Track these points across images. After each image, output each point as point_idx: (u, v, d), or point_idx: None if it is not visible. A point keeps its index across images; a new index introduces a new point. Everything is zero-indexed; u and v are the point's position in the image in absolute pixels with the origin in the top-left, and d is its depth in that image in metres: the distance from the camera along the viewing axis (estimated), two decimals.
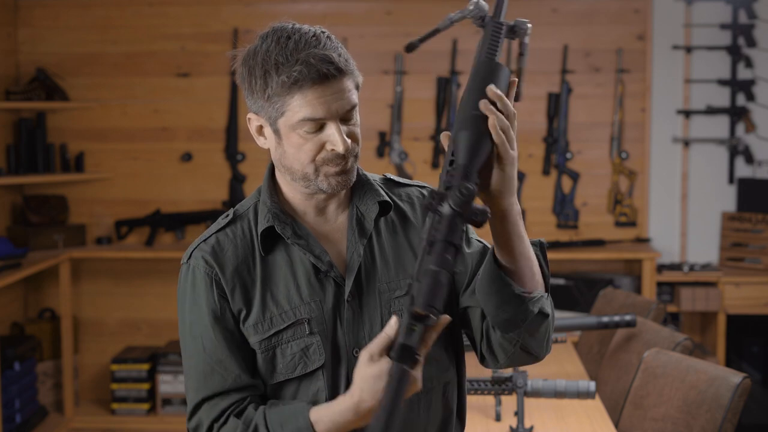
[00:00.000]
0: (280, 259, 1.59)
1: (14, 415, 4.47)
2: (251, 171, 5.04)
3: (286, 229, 1.58)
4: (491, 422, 2.63)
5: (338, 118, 1.51)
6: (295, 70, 1.48)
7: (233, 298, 1.57)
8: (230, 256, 1.58)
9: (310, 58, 1.48)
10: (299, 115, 1.50)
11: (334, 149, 1.52)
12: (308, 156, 1.53)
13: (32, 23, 5.09)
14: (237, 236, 1.60)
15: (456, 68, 4.96)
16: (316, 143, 1.52)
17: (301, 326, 1.56)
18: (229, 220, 1.62)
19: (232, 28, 4.99)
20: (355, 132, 1.55)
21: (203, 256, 1.59)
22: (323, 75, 1.48)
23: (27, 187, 5.07)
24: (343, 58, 1.52)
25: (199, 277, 1.58)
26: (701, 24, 4.88)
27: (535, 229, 4.99)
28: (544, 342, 1.56)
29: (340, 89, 1.50)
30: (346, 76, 1.51)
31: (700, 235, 4.99)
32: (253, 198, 1.65)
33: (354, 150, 1.55)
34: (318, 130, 1.52)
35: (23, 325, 4.98)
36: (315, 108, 1.49)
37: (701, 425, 2.41)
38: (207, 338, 1.57)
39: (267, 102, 1.52)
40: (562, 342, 2.79)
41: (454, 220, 1.28)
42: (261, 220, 1.60)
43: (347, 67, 1.52)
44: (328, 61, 1.48)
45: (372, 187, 1.64)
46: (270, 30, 1.55)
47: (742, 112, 4.90)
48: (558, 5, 4.96)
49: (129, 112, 5.12)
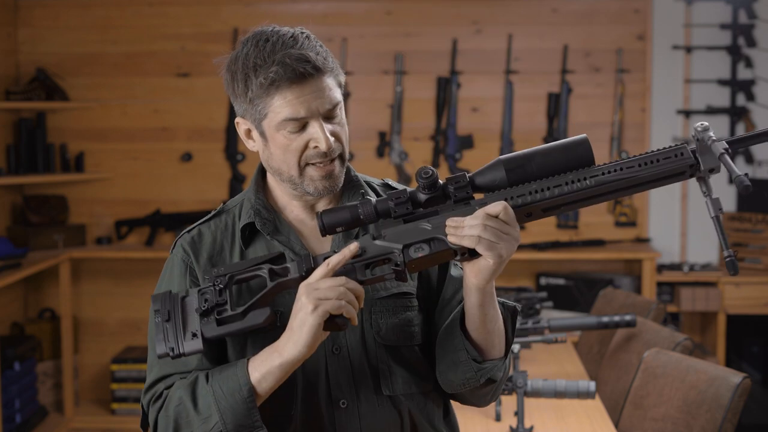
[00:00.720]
0: (261, 252, 1.60)
1: (14, 415, 4.47)
2: (251, 171, 5.03)
3: (266, 225, 1.60)
4: (491, 422, 2.63)
5: (320, 116, 1.52)
6: (271, 71, 1.49)
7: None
8: (207, 246, 1.62)
9: (285, 58, 1.49)
10: (281, 115, 1.51)
11: (317, 147, 1.52)
12: (294, 157, 1.54)
13: (32, 23, 5.09)
14: (219, 228, 1.64)
15: (456, 68, 4.96)
16: (300, 143, 1.53)
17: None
18: (214, 214, 1.66)
19: (232, 28, 4.99)
20: (338, 132, 1.55)
21: (182, 244, 1.63)
22: (300, 74, 1.49)
23: (27, 187, 5.07)
24: (321, 56, 1.52)
25: (176, 263, 1.62)
26: (701, 24, 4.88)
27: (535, 230, 5.00)
28: (488, 397, 1.60)
29: (320, 87, 1.51)
30: (325, 74, 1.52)
31: (700, 235, 4.99)
32: (244, 194, 1.68)
33: (337, 149, 1.55)
34: (301, 129, 1.52)
35: (23, 325, 4.98)
36: (295, 107, 1.50)
37: (701, 425, 2.41)
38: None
39: (250, 105, 1.54)
40: (562, 342, 2.79)
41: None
42: (243, 215, 1.62)
43: (325, 65, 1.52)
44: (305, 60, 1.49)
45: (361, 189, 1.65)
46: (251, 34, 1.56)
47: (742, 112, 4.90)
48: (558, 5, 4.96)
49: (129, 112, 5.12)
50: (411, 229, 1.45)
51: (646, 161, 1.39)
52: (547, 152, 1.43)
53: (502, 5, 4.98)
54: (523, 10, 4.98)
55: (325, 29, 4.86)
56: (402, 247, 1.44)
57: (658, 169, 1.38)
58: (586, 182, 1.40)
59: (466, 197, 1.45)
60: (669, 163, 1.39)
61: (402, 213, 1.46)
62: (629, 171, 1.39)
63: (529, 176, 1.42)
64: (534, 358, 3.27)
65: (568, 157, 1.42)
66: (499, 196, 1.43)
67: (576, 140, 1.43)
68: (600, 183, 1.39)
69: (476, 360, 1.51)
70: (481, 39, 4.99)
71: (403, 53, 4.97)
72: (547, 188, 1.41)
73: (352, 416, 1.56)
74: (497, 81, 4.98)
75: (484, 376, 1.51)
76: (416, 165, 4.99)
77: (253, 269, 1.48)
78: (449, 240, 1.41)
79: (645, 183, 1.40)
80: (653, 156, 1.39)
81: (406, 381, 1.58)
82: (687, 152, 1.39)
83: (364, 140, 4.96)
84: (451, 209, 1.45)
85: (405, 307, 1.59)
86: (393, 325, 1.58)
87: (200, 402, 1.49)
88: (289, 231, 1.61)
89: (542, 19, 4.95)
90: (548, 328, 3.03)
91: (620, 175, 1.39)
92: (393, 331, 1.58)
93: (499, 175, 1.43)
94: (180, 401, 1.51)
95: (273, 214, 1.62)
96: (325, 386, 1.56)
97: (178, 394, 1.51)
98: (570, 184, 1.40)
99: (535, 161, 1.43)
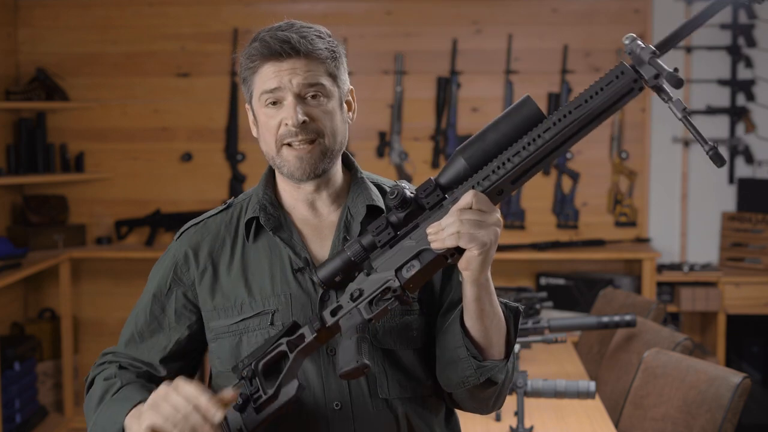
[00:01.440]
0: (263, 248, 1.61)
1: (14, 415, 4.47)
2: (251, 171, 5.04)
3: (270, 220, 1.61)
4: (491, 422, 2.63)
5: (294, 93, 1.53)
6: (252, 48, 1.55)
7: (202, 278, 1.62)
8: (209, 239, 1.64)
9: (267, 37, 1.54)
10: (258, 89, 1.56)
11: (287, 124, 1.54)
12: (272, 135, 1.56)
13: (32, 23, 5.09)
14: (224, 222, 1.66)
15: (456, 68, 4.96)
16: (276, 121, 1.55)
17: (266, 317, 1.58)
18: (223, 208, 1.69)
19: (232, 28, 4.99)
20: (315, 114, 1.55)
21: (186, 236, 1.67)
22: (275, 52, 1.53)
23: (27, 187, 5.07)
24: (308, 41, 1.54)
25: (169, 257, 1.67)
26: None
27: (535, 230, 5.00)
28: (490, 402, 1.57)
29: (299, 66, 1.53)
30: (307, 58, 1.54)
31: (700, 235, 4.99)
32: (254, 189, 1.69)
33: (313, 131, 1.54)
34: (277, 104, 1.55)
35: (23, 325, 4.98)
36: (269, 80, 1.54)
37: (701, 425, 2.41)
38: (156, 304, 1.68)
39: (244, 85, 1.60)
40: (562, 342, 2.79)
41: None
42: (249, 209, 1.64)
43: (308, 49, 1.54)
44: (285, 40, 1.53)
45: (365, 189, 1.64)
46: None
47: (742, 112, 4.90)
48: (558, 5, 4.96)
49: (129, 112, 5.12)
50: (397, 251, 1.44)
51: (591, 94, 1.35)
52: (496, 125, 1.40)
53: (502, 5, 4.98)
54: (523, 10, 4.98)
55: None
56: (395, 272, 1.44)
57: (606, 95, 1.34)
58: (543, 137, 1.36)
59: (439, 200, 1.43)
60: (614, 86, 1.34)
61: (386, 240, 1.45)
62: (579, 110, 1.35)
63: (488, 156, 1.40)
64: (534, 358, 3.27)
65: (517, 122, 1.39)
66: (466, 186, 1.41)
67: (518, 102, 1.40)
68: (556, 133, 1.36)
69: (476, 357, 1.49)
70: (481, 39, 4.99)
71: (403, 53, 4.97)
72: (507, 160, 1.38)
73: (346, 419, 1.55)
74: (497, 81, 4.98)
75: (484, 375, 1.49)
76: (416, 165, 5.00)
77: (273, 348, 1.50)
78: (434, 247, 1.40)
79: (599, 114, 1.35)
80: (596, 86, 1.35)
81: (402, 385, 1.58)
82: (627, 69, 1.35)
83: (364, 140, 4.96)
84: (428, 217, 1.44)
85: (404, 312, 1.59)
86: (391, 329, 1.57)
87: (99, 407, 1.59)
88: (292, 229, 1.61)
89: (542, 19, 4.95)
90: (548, 328, 3.03)
91: (572, 117, 1.35)
92: (390, 334, 1.57)
93: (461, 166, 1.41)
94: (94, 390, 1.63)
95: (279, 210, 1.63)
96: (318, 388, 1.55)
97: (101, 385, 1.62)
98: (527, 147, 1.37)
99: (488, 139, 1.40)
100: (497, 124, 1.40)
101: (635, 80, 1.33)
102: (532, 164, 1.38)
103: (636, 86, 1.33)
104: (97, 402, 1.61)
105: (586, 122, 1.36)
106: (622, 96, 1.34)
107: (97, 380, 1.65)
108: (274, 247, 1.60)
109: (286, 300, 1.57)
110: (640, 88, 1.33)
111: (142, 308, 1.71)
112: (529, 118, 1.38)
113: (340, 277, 1.47)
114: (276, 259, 1.59)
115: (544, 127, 1.36)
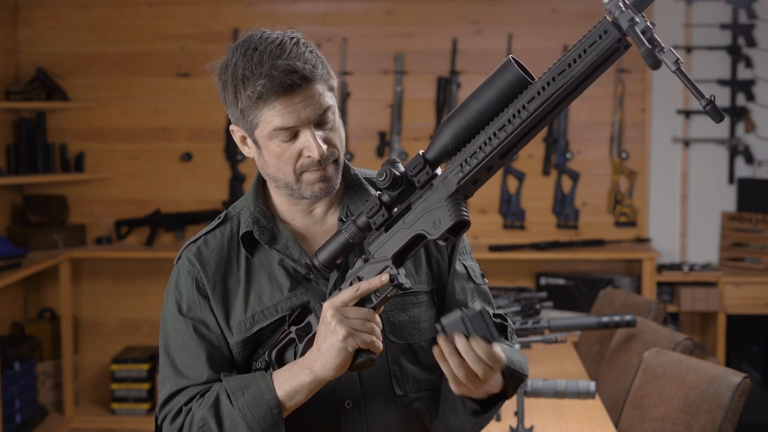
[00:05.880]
0: (264, 259, 1.60)
1: (14, 415, 4.47)
2: (251, 171, 5.04)
3: (264, 233, 1.59)
4: (491, 422, 2.62)
5: (311, 123, 1.51)
6: (258, 85, 1.47)
7: (213, 295, 1.59)
8: (214, 256, 1.61)
9: (272, 70, 1.47)
10: (271, 125, 1.50)
11: (310, 156, 1.51)
12: (288, 165, 1.53)
13: (32, 23, 5.09)
14: (224, 236, 1.63)
15: (456, 68, 4.96)
16: (293, 151, 1.52)
17: (284, 322, 1.57)
18: (219, 222, 1.65)
19: (232, 28, 4.99)
20: (331, 137, 1.54)
21: (188, 256, 1.62)
22: (287, 86, 1.47)
23: (27, 187, 5.07)
24: (310, 64, 1.50)
25: (183, 276, 1.61)
26: (701, 24, 4.88)
27: (535, 229, 5.00)
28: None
29: (309, 96, 1.49)
30: (313, 82, 1.50)
31: (700, 235, 4.99)
32: (245, 199, 1.67)
33: (333, 155, 1.54)
34: (293, 138, 1.51)
35: (23, 325, 4.98)
36: (285, 117, 1.49)
37: (701, 425, 2.41)
38: (186, 333, 1.58)
39: (241, 115, 1.53)
40: (562, 342, 2.79)
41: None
42: (242, 224, 1.62)
43: (314, 73, 1.50)
44: (292, 70, 1.47)
45: (363, 188, 1.64)
46: (240, 41, 1.55)
47: (742, 112, 4.90)
48: (558, 5, 4.96)
49: (129, 112, 5.12)
50: (392, 236, 1.45)
51: (575, 57, 1.27)
52: (479, 93, 1.38)
53: (502, 5, 4.98)
54: (523, 10, 4.98)
55: (325, 29, 4.86)
56: (391, 260, 1.44)
57: (591, 56, 1.26)
58: (527, 109, 1.31)
59: (429, 179, 1.42)
60: (598, 46, 1.25)
61: (381, 222, 1.46)
62: (564, 75, 1.28)
63: (474, 126, 1.38)
64: (534, 358, 3.27)
65: (500, 87, 1.35)
66: (454, 163, 1.39)
67: (500, 66, 1.37)
68: (541, 103, 1.30)
69: (474, 412, 1.55)
70: (481, 39, 4.99)
71: (403, 53, 4.97)
72: (493, 134, 1.34)
73: (358, 417, 1.56)
74: None
75: (478, 429, 1.58)
76: None
77: (283, 337, 1.54)
78: (455, 391, 1.47)
79: (587, 76, 1.28)
80: (579, 48, 1.27)
81: (416, 380, 1.59)
82: (609, 27, 1.24)
83: (364, 140, 4.96)
84: (419, 197, 1.43)
85: (412, 304, 1.60)
86: (402, 323, 1.59)
87: (226, 423, 1.50)
88: (287, 238, 1.60)
89: (542, 19, 4.95)
90: (548, 328, 3.03)
91: (557, 85, 1.28)
92: (403, 328, 1.59)
93: (448, 138, 1.40)
94: (203, 422, 1.51)
95: (271, 221, 1.61)
96: (330, 386, 1.54)
97: (201, 415, 1.51)
98: (512, 120, 1.33)
99: (472, 108, 1.38)
100: (481, 91, 1.37)
101: (620, 39, 1.24)
102: (520, 137, 1.34)
103: (621, 45, 1.25)
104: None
105: (572, 89, 1.29)
106: (607, 57, 1.26)
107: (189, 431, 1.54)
108: (274, 256, 1.59)
109: (298, 299, 1.58)
110: (626, 46, 1.25)
111: (179, 335, 1.59)
112: (512, 84, 1.34)
113: (341, 260, 1.50)
114: (278, 267, 1.59)
115: (528, 97, 1.31)
